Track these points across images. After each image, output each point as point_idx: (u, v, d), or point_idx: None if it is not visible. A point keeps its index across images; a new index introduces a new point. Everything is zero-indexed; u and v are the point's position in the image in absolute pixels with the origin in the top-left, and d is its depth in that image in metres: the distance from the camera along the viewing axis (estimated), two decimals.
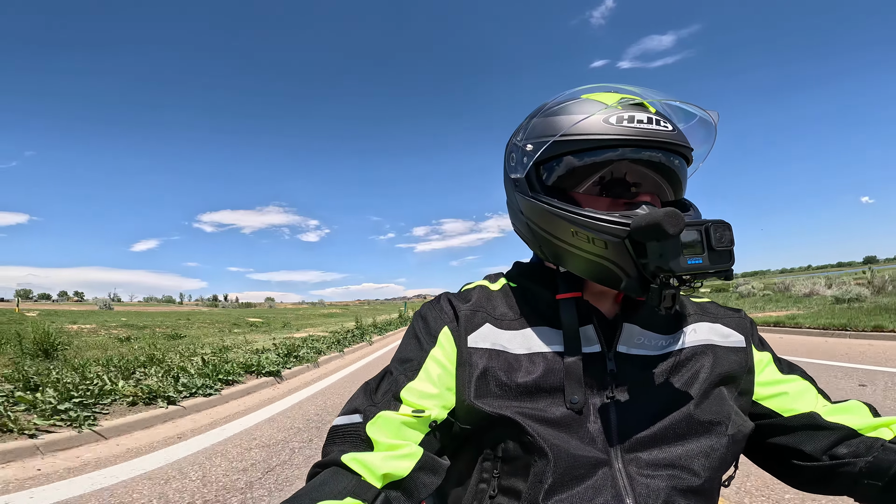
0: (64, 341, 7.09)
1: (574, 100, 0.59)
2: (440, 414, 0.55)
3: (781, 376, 0.62)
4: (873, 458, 0.52)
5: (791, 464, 0.58)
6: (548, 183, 0.59)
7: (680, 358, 0.59)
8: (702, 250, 0.46)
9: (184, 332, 12.29)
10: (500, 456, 0.54)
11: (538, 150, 0.57)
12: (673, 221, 0.44)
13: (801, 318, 9.59)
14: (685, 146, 0.56)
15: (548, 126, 0.57)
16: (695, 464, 0.52)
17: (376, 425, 0.52)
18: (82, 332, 11.35)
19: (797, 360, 5.88)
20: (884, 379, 4.59)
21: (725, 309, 0.68)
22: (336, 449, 0.53)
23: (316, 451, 3.20)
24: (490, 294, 0.65)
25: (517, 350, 0.57)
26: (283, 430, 3.80)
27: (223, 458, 3.08)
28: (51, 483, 2.65)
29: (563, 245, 0.56)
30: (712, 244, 0.47)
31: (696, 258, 0.46)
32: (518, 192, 0.61)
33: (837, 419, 0.56)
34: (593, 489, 0.51)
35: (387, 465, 0.49)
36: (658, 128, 0.54)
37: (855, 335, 7.83)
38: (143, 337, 10.53)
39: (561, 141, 0.55)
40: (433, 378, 0.57)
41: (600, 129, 0.53)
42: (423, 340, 0.61)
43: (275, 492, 2.49)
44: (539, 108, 0.62)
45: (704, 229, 0.47)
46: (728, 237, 0.47)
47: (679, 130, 0.56)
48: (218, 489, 2.53)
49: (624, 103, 0.56)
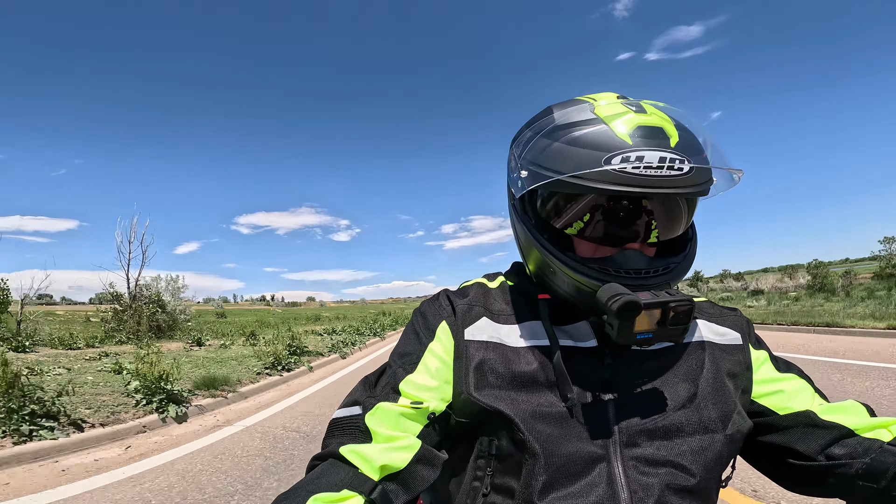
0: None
1: (581, 126, 0.53)
2: (438, 406, 0.56)
3: (778, 374, 0.62)
4: (870, 459, 0.50)
5: (785, 463, 0.57)
6: (539, 212, 0.60)
7: (678, 353, 0.59)
8: (656, 326, 0.48)
9: (304, 323, 17.45)
10: (494, 454, 0.54)
11: (534, 182, 0.54)
12: (629, 308, 0.46)
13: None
14: (697, 189, 0.51)
15: (549, 157, 0.53)
16: (691, 462, 0.52)
17: (375, 416, 0.53)
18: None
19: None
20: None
21: (721, 308, 0.68)
22: (335, 441, 0.54)
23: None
24: (488, 291, 0.66)
25: (513, 343, 0.58)
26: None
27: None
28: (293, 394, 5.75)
29: (542, 274, 0.59)
30: (666, 322, 0.48)
31: (647, 333, 0.48)
32: (513, 204, 0.63)
33: (833, 418, 0.55)
34: (589, 485, 0.50)
35: (384, 456, 0.49)
36: (668, 174, 0.49)
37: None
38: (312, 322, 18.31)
39: (559, 181, 0.52)
40: (431, 371, 0.57)
41: (601, 178, 0.49)
42: (422, 335, 0.61)
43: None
44: (545, 121, 0.58)
45: (662, 310, 0.48)
46: (685, 318, 0.49)
47: (695, 170, 0.50)
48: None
49: (638, 135, 0.50)
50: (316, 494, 0.45)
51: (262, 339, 10.22)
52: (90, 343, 9.10)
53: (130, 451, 3.61)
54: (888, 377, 5.10)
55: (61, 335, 9.56)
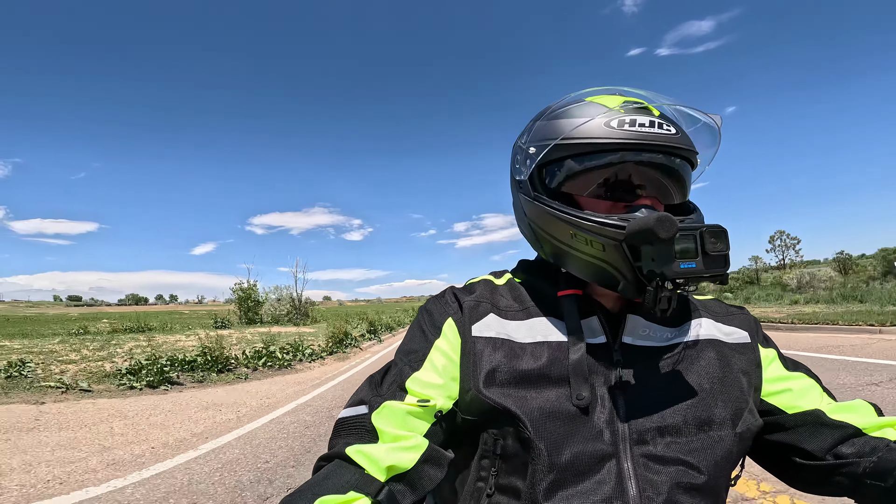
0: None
1: (577, 103, 0.59)
2: (445, 404, 0.55)
3: (787, 373, 0.61)
4: (878, 458, 0.50)
5: (793, 462, 0.56)
6: (550, 185, 0.60)
7: (687, 350, 0.58)
8: (696, 254, 0.47)
9: (346, 317, 20.53)
10: (499, 453, 0.54)
11: (540, 152, 0.58)
12: (665, 226, 0.45)
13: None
14: (688, 149, 0.56)
15: (550, 129, 0.58)
16: (700, 460, 0.51)
17: (382, 415, 0.53)
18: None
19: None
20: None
21: (729, 307, 0.68)
22: (341, 441, 0.53)
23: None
24: (494, 287, 0.65)
25: (522, 339, 0.57)
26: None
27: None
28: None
29: (563, 246, 0.57)
30: (706, 249, 0.47)
31: (690, 262, 0.47)
32: (522, 193, 0.63)
33: (842, 417, 0.55)
34: (598, 483, 0.50)
35: (391, 457, 0.49)
36: (660, 131, 0.53)
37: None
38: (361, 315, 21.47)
39: (562, 144, 0.56)
40: (438, 368, 0.57)
41: (601, 133, 0.54)
42: (428, 332, 0.61)
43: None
44: (543, 111, 0.62)
45: (699, 234, 0.47)
46: (723, 242, 0.47)
47: (683, 134, 0.56)
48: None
49: (627, 106, 0.56)
50: (322, 497, 0.45)
51: (355, 320, 18.10)
52: (272, 323, 18.41)
53: (331, 367, 8.25)
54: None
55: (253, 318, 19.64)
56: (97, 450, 3.44)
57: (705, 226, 0.48)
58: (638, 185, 0.57)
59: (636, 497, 0.49)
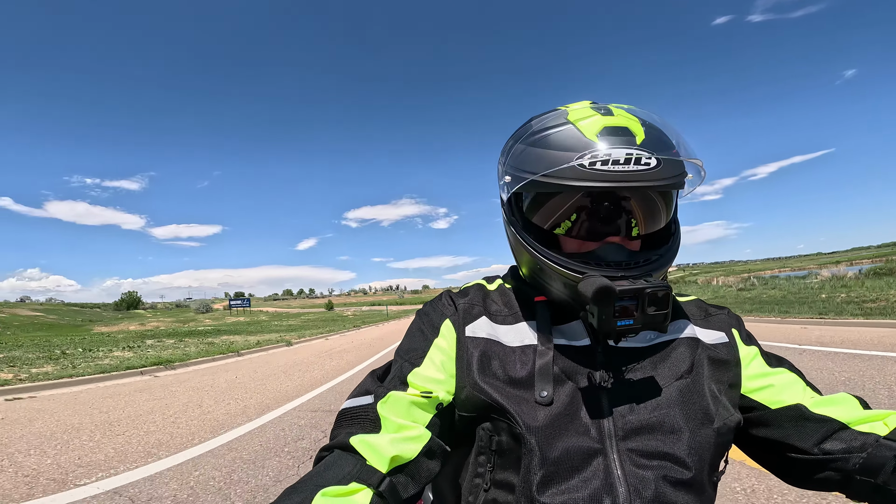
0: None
1: (556, 128, 0.58)
2: (446, 397, 0.58)
3: (768, 369, 0.62)
4: (867, 454, 0.51)
5: (785, 458, 0.57)
6: (525, 213, 0.63)
7: (668, 350, 0.60)
8: (634, 313, 0.50)
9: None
10: (495, 449, 0.56)
11: (515, 185, 0.59)
12: (604, 294, 0.47)
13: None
14: (666, 183, 0.54)
15: (526, 160, 0.58)
16: (685, 454, 0.52)
17: (387, 404, 0.55)
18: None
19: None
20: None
21: (710, 307, 0.69)
22: (344, 431, 0.55)
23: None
24: (486, 292, 0.68)
25: (511, 343, 0.60)
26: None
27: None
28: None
29: (534, 274, 0.61)
30: (646, 310, 0.50)
31: (628, 320, 0.50)
32: (503, 210, 0.66)
33: (825, 411, 0.56)
34: (587, 479, 0.51)
35: (394, 447, 0.50)
36: (636, 168, 0.52)
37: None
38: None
39: (536, 181, 0.56)
40: (437, 364, 0.59)
41: (574, 175, 0.53)
42: (427, 332, 0.64)
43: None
44: (523, 130, 0.63)
45: (641, 299, 0.49)
46: (663, 305, 0.50)
47: (664, 163, 0.53)
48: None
49: (605, 135, 0.54)
50: (324, 488, 0.45)
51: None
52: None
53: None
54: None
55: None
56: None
57: (648, 287, 0.49)
58: (608, 219, 0.58)
59: (625, 492, 0.50)
